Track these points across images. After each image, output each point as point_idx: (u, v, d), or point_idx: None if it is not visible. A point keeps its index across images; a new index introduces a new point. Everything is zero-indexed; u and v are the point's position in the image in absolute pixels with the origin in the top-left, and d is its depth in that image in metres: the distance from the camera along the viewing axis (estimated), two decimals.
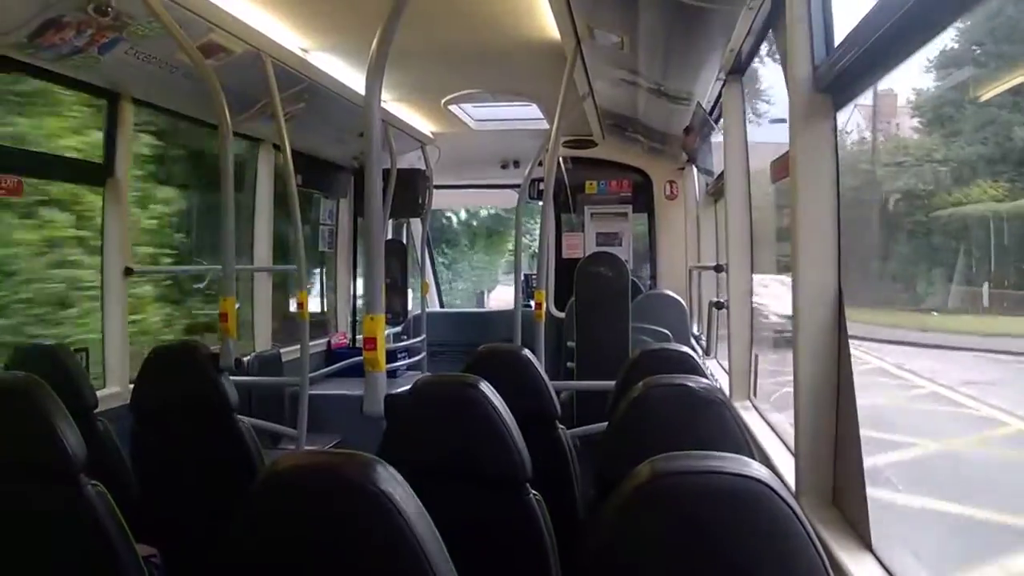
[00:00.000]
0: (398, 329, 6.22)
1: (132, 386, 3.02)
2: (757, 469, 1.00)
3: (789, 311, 1.95)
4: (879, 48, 1.59)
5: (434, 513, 1.11)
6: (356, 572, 1.06)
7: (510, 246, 13.74)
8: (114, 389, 3.41)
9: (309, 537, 1.05)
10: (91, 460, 1.86)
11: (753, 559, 0.96)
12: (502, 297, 11.78)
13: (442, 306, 7.69)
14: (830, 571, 0.98)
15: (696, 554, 0.97)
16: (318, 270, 5.96)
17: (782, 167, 2.25)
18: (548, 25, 3.31)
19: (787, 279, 1.95)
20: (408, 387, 1.95)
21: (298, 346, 3.92)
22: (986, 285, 1.73)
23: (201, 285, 4.64)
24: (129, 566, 1.83)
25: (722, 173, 3.85)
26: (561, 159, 5.83)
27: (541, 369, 2.53)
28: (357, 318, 6.04)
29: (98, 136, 3.45)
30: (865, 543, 1.66)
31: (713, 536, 0.97)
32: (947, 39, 1.75)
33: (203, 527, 2.59)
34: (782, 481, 1.02)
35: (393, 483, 1.07)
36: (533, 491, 1.86)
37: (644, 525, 1.00)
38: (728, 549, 0.97)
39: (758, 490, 0.98)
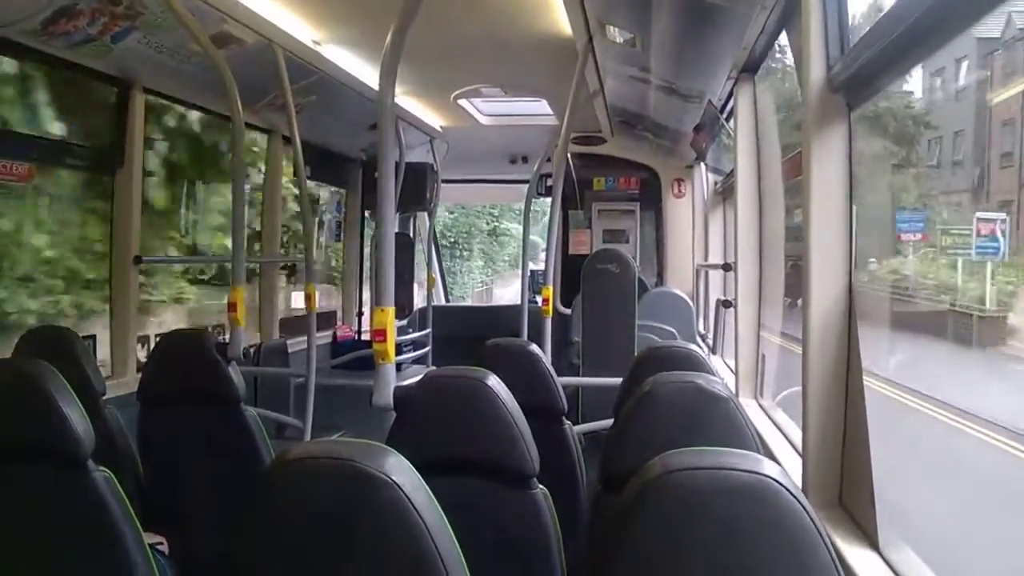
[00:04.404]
0: (403, 323, 6.23)
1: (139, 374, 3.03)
2: (769, 466, 1.00)
3: None
4: (894, 49, 1.58)
5: (441, 505, 1.11)
6: (366, 559, 1.06)
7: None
8: (122, 377, 3.43)
9: (321, 524, 1.06)
10: (99, 447, 1.87)
11: (764, 556, 0.97)
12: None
13: (447, 300, 7.68)
14: (840, 570, 0.98)
15: (707, 550, 0.97)
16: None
17: (794, 166, 2.25)
18: (560, 21, 3.30)
19: None
20: (416, 380, 1.95)
21: (303, 338, 3.93)
22: None
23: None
24: (136, 552, 1.84)
25: (731, 171, 3.84)
26: (569, 155, 5.82)
27: (549, 364, 2.53)
28: (363, 310, 6.04)
29: None
30: (872, 543, 1.66)
31: (724, 532, 0.97)
32: None
33: (210, 515, 2.60)
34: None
35: (405, 472, 1.07)
36: (540, 485, 1.87)
37: (655, 520, 1.00)
38: (739, 546, 0.97)
39: (770, 487, 0.98)
